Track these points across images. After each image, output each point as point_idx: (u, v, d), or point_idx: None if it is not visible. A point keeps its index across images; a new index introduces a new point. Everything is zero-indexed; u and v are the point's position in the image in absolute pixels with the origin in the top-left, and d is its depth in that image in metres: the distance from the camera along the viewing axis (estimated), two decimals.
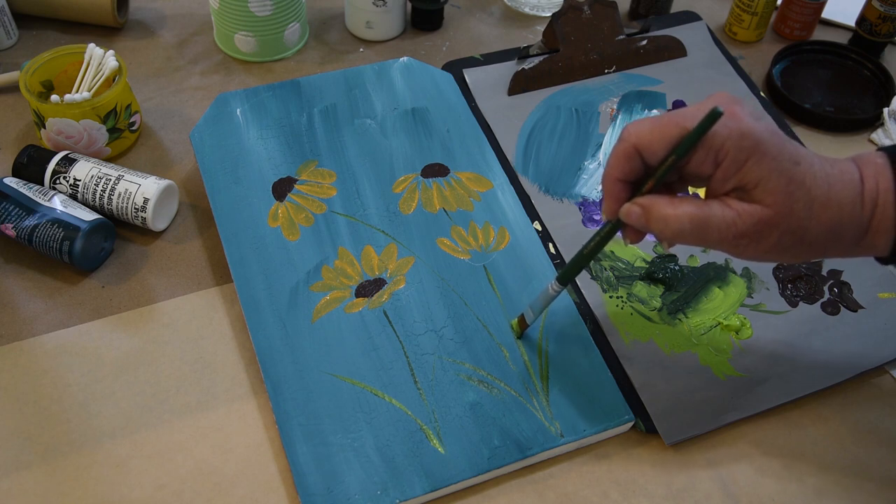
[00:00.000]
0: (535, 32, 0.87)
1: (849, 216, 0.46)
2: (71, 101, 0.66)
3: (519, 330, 0.59)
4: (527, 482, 0.54)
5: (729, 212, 0.45)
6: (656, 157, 0.47)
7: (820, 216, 0.45)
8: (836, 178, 0.46)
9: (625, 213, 0.48)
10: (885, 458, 0.57)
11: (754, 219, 0.45)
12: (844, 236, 0.47)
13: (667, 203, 0.46)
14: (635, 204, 0.47)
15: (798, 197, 0.45)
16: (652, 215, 0.47)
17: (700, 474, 0.55)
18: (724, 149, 0.44)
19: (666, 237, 0.47)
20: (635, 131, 0.47)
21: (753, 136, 0.44)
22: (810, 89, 0.82)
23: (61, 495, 0.52)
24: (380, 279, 0.61)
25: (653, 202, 0.47)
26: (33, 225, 0.61)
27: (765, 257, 0.47)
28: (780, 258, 0.48)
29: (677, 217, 0.46)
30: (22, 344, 0.59)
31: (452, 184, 0.68)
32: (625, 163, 0.47)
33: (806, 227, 0.45)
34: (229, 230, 0.63)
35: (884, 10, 0.82)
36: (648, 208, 0.47)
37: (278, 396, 0.55)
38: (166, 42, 0.83)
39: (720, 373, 0.59)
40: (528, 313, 0.58)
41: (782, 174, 0.44)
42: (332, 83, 0.74)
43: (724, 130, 0.44)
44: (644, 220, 0.47)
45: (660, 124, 0.46)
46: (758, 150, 0.44)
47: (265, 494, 0.53)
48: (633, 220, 0.48)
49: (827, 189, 0.46)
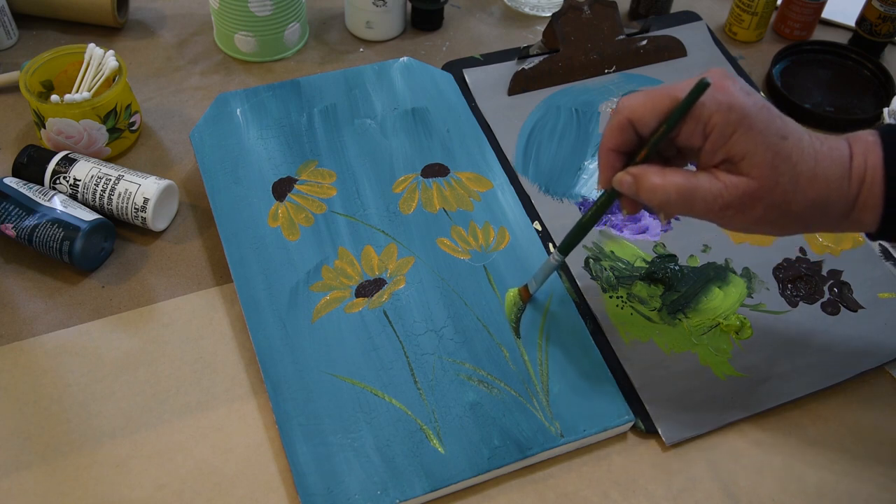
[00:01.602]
0: (535, 32, 0.87)
1: (835, 192, 0.47)
2: (71, 101, 0.66)
3: (521, 300, 0.60)
4: (527, 482, 0.54)
5: (716, 183, 0.47)
6: (648, 128, 0.48)
7: (805, 191, 0.46)
8: (824, 154, 0.47)
9: (617, 182, 0.49)
10: (885, 458, 0.57)
11: (739, 191, 0.46)
12: (830, 211, 0.47)
13: (656, 172, 0.48)
14: (627, 173, 0.49)
15: (783, 171, 0.46)
16: (641, 184, 0.48)
17: (700, 474, 0.55)
18: (711, 121, 0.46)
19: (654, 206, 0.49)
20: (629, 103, 0.48)
21: (741, 109, 0.45)
22: (810, 89, 0.82)
23: (61, 495, 0.52)
24: (380, 279, 0.61)
25: (643, 171, 0.48)
26: (33, 225, 0.61)
27: (751, 228, 0.49)
28: (767, 230, 0.49)
29: (664, 187, 0.47)
30: (22, 344, 0.59)
31: (452, 184, 0.68)
32: (618, 134, 0.49)
33: (790, 200, 0.46)
34: (229, 230, 0.63)
35: (884, 10, 0.82)
36: (639, 177, 0.48)
37: (278, 396, 0.55)
38: (166, 42, 0.83)
39: (720, 373, 0.59)
40: (532, 284, 0.59)
41: (769, 148, 0.45)
42: (332, 83, 0.74)
43: (713, 104, 0.45)
44: (635, 188, 0.48)
45: (652, 96, 0.48)
46: (744, 123, 0.45)
47: (265, 494, 0.53)
48: (624, 189, 0.49)
49: (814, 165, 0.46)
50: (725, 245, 0.67)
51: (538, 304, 0.61)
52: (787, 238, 0.67)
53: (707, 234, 0.67)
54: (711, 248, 0.66)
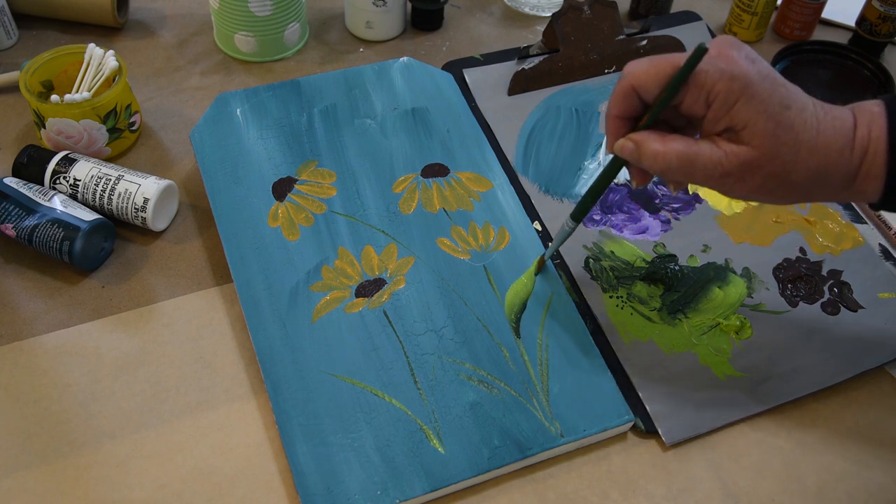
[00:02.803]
0: (535, 32, 0.87)
1: (836, 162, 0.47)
2: (71, 101, 0.66)
3: (536, 267, 0.62)
4: (527, 482, 0.54)
5: (717, 151, 0.47)
6: (651, 94, 0.48)
7: (807, 161, 0.46)
8: (827, 124, 0.47)
9: (619, 148, 0.50)
10: (885, 458, 0.57)
11: (740, 159, 0.46)
12: (831, 181, 0.47)
13: (657, 139, 0.48)
14: (628, 139, 0.49)
15: (785, 141, 0.46)
16: (643, 151, 0.48)
17: (700, 474, 0.55)
18: (714, 90, 0.46)
19: (655, 172, 0.49)
20: (632, 70, 0.48)
21: (744, 78, 0.45)
22: (810, 89, 0.80)
23: (61, 495, 0.52)
24: (380, 279, 0.61)
25: (644, 138, 0.48)
26: (33, 225, 0.61)
27: (751, 197, 0.49)
28: (767, 199, 0.49)
29: (665, 153, 0.47)
30: (22, 344, 0.59)
31: (452, 184, 0.68)
32: (622, 101, 0.49)
33: (791, 170, 0.46)
34: (229, 230, 0.63)
35: (884, 10, 0.82)
36: (640, 144, 0.49)
37: (278, 396, 0.55)
38: (166, 42, 0.83)
39: (720, 373, 0.59)
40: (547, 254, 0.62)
41: (770, 117, 0.45)
42: (332, 83, 0.74)
43: (716, 72, 0.45)
44: (637, 154, 0.49)
45: (655, 63, 0.48)
46: (747, 92, 0.45)
47: (265, 494, 0.53)
48: (626, 154, 0.49)
49: (816, 135, 0.46)
50: (725, 245, 0.67)
51: (538, 304, 0.61)
52: (787, 238, 0.67)
53: (707, 234, 0.67)
54: (711, 248, 0.66)
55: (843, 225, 0.69)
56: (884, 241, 0.69)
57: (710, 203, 0.70)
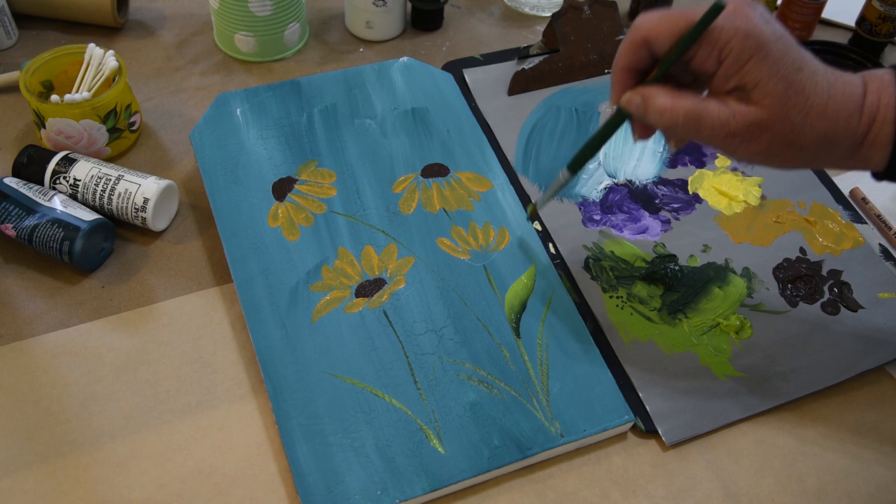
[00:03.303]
0: (535, 32, 0.87)
1: (844, 128, 0.46)
2: (71, 101, 0.66)
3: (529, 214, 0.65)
4: (527, 482, 0.54)
5: (724, 110, 0.46)
6: (662, 48, 0.47)
7: (814, 124, 0.46)
8: (837, 89, 0.47)
9: (626, 101, 0.49)
10: (885, 458, 0.57)
11: (748, 119, 0.46)
12: (837, 147, 0.47)
13: (665, 94, 0.47)
14: (636, 93, 0.48)
15: (795, 103, 0.45)
16: (650, 105, 0.48)
17: (700, 474, 0.55)
18: (728, 46, 0.45)
19: (661, 128, 0.48)
20: (645, 22, 0.48)
21: (758, 37, 0.45)
22: None
23: (61, 495, 0.52)
24: (380, 279, 0.61)
25: (652, 92, 0.48)
26: (33, 225, 0.61)
27: (756, 159, 0.48)
28: (772, 162, 0.48)
29: (672, 109, 0.47)
30: (22, 344, 0.59)
31: (452, 184, 0.68)
32: (632, 53, 0.48)
33: (798, 133, 0.46)
34: (229, 230, 0.63)
35: (884, 10, 0.82)
36: (647, 98, 0.48)
37: (278, 396, 0.55)
38: (166, 42, 0.83)
39: (720, 373, 0.59)
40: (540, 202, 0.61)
41: (782, 78, 0.45)
42: (332, 83, 0.74)
43: (731, 29, 0.45)
44: (643, 108, 0.48)
45: (669, 16, 0.47)
46: (760, 51, 0.45)
47: (265, 494, 0.53)
48: (632, 108, 0.49)
49: (826, 99, 0.46)
50: (725, 245, 0.67)
51: (538, 304, 0.61)
52: (787, 238, 0.67)
53: (707, 234, 0.67)
54: (711, 248, 0.66)
55: (844, 225, 0.69)
56: (884, 241, 0.69)
57: (710, 203, 0.70)
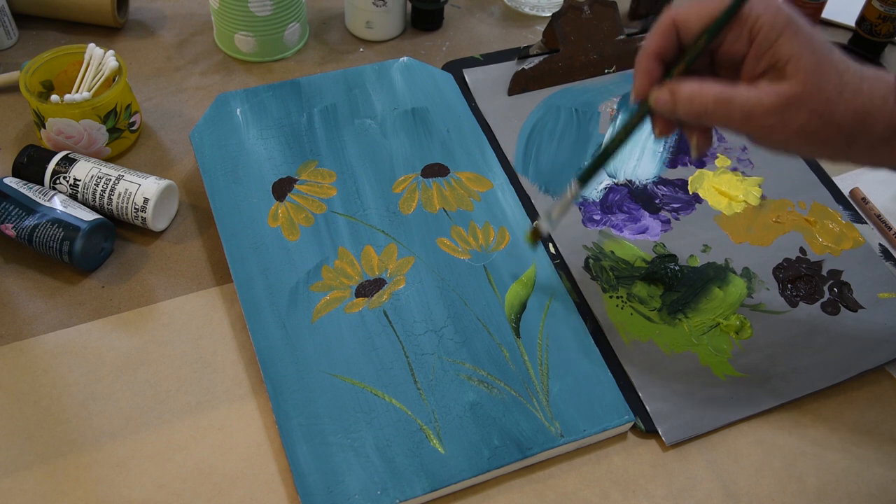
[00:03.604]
0: (535, 32, 0.87)
1: (880, 108, 0.46)
2: (71, 101, 0.66)
3: (532, 240, 0.59)
4: (527, 482, 0.54)
5: (755, 91, 0.46)
6: (692, 32, 0.48)
7: (851, 100, 0.45)
8: (869, 74, 0.46)
9: (654, 99, 0.49)
10: (885, 458, 0.57)
11: (782, 96, 0.45)
12: (873, 128, 0.46)
13: (694, 82, 0.47)
14: (663, 89, 0.48)
15: (829, 77, 0.45)
16: (679, 95, 0.47)
17: (700, 474, 0.55)
18: (758, 23, 0.45)
19: (691, 117, 0.47)
20: (675, 7, 0.48)
21: (787, 14, 0.45)
22: None
23: (61, 495, 0.52)
24: (380, 279, 0.61)
25: (680, 83, 0.48)
26: (33, 225, 0.61)
27: (792, 143, 0.47)
28: (806, 146, 0.47)
29: (702, 94, 0.47)
30: (22, 344, 0.59)
31: (452, 184, 0.68)
32: (662, 37, 0.48)
33: (833, 109, 0.45)
34: (229, 230, 0.63)
35: (884, 10, 0.82)
36: (675, 90, 0.48)
37: (278, 396, 0.55)
38: (166, 42, 0.83)
39: (720, 373, 0.59)
40: (543, 223, 0.58)
41: (815, 52, 0.45)
42: (332, 83, 0.74)
43: (760, 5, 0.45)
44: (672, 103, 0.48)
45: (701, 2, 0.47)
46: (791, 26, 0.45)
47: (265, 494, 0.53)
48: (660, 105, 0.48)
49: (859, 80, 0.46)
50: (725, 245, 0.67)
51: (538, 303, 0.61)
52: (787, 238, 0.67)
53: (707, 234, 0.67)
54: (711, 248, 0.66)
55: (843, 225, 0.69)
56: (884, 241, 0.69)
57: (710, 203, 0.70)
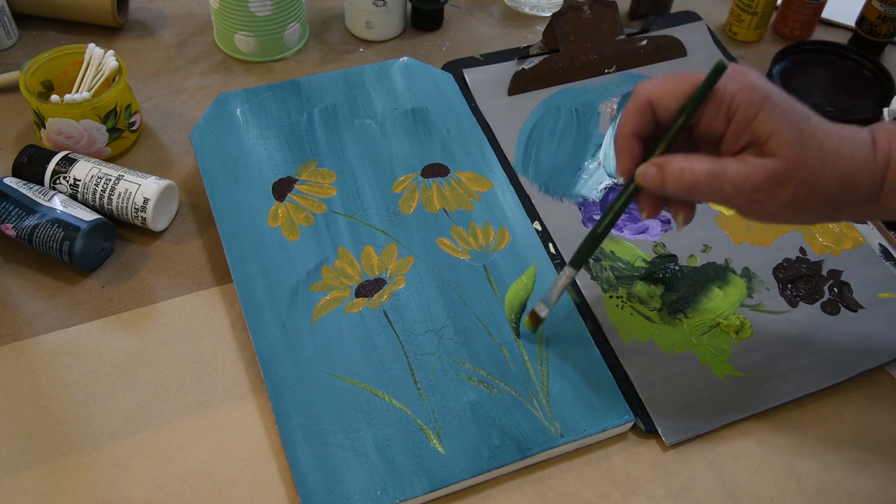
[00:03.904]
0: (535, 32, 0.87)
1: (862, 170, 0.46)
2: (71, 101, 0.66)
3: (532, 325, 0.58)
4: (527, 482, 0.54)
5: (744, 166, 0.46)
6: (668, 111, 0.47)
7: (834, 166, 0.46)
8: (847, 136, 0.47)
9: (640, 175, 0.48)
10: (886, 458, 0.57)
11: (769, 172, 0.45)
12: (858, 190, 0.47)
13: (682, 158, 0.47)
14: (650, 164, 0.48)
15: (811, 147, 0.45)
16: (667, 171, 0.47)
17: (700, 474, 0.55)
18: (735, 101, 0.45)
19: (681, 192, 0.47)
20: (649, 86, 0.48)
21: (763, 89, 0.45)
22: (810, 89, 0.82)
23: (61, 495, 0.52)
24: (380, 279, 0.61)
25: (667, 158, 0.47)
26: (33, 225, 0.61)
27: (781, 214, 0.47)
28: (796, 215, 0.47)
29: (692, 170, 0.46)
30: (22, 344, 0.59)
31: (452, 184, 0.68)
32: (639, 118, 0.48)
33: (819, 178, 0.46)
34: (229, 230, 0.63)
35: (884, 10, 0.82)
36: (663, 165, 0.47)
37: (278, 396, 0.55)
38: (166, 42, 0.83)
39: (720, 373, 0.59)
40: (541, 307, 0.57)
41: (793, 125, 0.45)
42: (332, 83, 0.74)
43: (735, 85, 0.45)
44: (660, 178, 0.47)
45: (672, 79, 0.47)
46: (768, 102, 0.45)
47: (265, 494, 0.53)
48: (649, 181, 0.48)
49: (839, 143, 0.46)
50: (725, 245, 0.67)
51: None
52: (787, 238, 0.67)
53: (707, 234, 0.67)
54: (711, 248, 0.66)
55: (843, 225, 0.69)
56: (884, 241, 0.69)
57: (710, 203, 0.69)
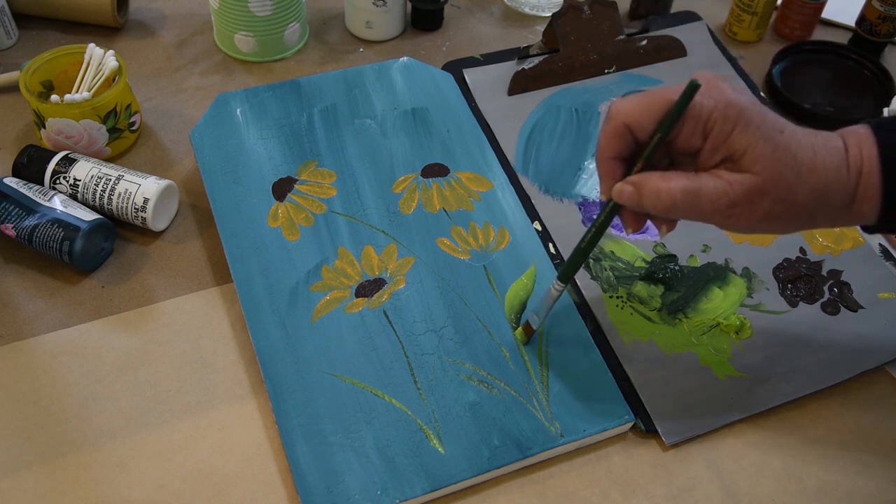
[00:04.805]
0: (535, 32, 0.87)
1: (835, 180, 0.47)
2: (71, 101, 0.66)
3: (525, 337, 0.59)
4: (527, 482, 0.54)
5: (720, 182, 0.46)
6: (645, 132, 0.48)
7: (808, 179, 0.46)
8: (820, 145, 0.47)
9: (617, 193, 0.49)
10: (886, 459, 0.57)
11: (745, 187, 0.46)
12: (832, 200, 0.47)
13: (658, 177, 0.47)
14: (627, 183, 0.48)
15: (785, 162, 0.46)
16: (643, 190, 0.47)
17: (700, 474, 0.55)
18: (711, 119, 0.46)
19: (659, 211, 0.48)
20: (624, 108, 0.48)
21: (738, 105, 0.45)
22: (810, 89, 0.82)
23: (61, 495, 0.52)
24: (380, 279, 0.61)
25: (644, 177, 0.48)
26: (33, 225, 0.61)
27: (758, 227, 0.48)
28: (773, 227, 0.48)
29: (669, 189, 0.47)
30: (22, 344, 0.59)
31: (452, 184, 0.68)
32: (616, 141, 0.48)
33: (795, 191, 0.46)
34: (229, 230, 0.63)
35: (884, 10, 0.82)
36: (640, 184, 0.48)
37: (278, 396, 0.55)
38: (166, 42, 0.83)
39: (720, 373, 0.59)
40: (533, 318, 0.57)
41: (768, 141, 0.45)
42: (332, 83, 0.74)
43: (710, 102, 0.46)
44: (637, 196, 0.48)
45: (647, 99, 0.47)
46: (742, 118, 0.45)
47: (265, 494, 0.53)
48: (625, 199, 0.48)
49: (812, 154, 0.46)
50: (725, 245, 0.67)
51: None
52: (787, 238, 0.67)
53: (707, 234, 0.67)
54: (711, 248, 0.66)
55: None
56: (884, 241, 0.69)
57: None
